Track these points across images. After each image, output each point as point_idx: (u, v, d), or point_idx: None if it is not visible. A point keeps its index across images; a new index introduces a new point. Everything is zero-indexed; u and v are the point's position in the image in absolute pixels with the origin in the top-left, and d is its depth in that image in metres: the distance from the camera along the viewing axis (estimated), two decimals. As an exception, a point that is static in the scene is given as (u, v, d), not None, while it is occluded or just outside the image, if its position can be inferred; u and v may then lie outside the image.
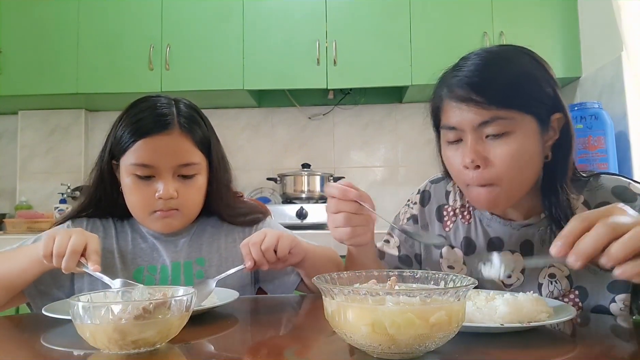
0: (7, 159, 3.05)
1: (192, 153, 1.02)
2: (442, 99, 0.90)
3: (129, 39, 2.65)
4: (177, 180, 1.01)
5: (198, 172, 1.04)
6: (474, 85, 0.83)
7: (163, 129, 0.99)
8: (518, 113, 0.83)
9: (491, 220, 0.98)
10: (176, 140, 1.00)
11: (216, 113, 2.97)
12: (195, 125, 1.04)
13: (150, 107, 1.02)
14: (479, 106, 0.82)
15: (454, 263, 1.01)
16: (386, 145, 3.00)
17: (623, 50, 2.21)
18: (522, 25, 2.56)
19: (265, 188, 2.94)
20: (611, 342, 0.68)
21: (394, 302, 0.52)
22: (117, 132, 1.02)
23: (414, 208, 1.09)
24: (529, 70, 0.86)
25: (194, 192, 1.04)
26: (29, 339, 0.74)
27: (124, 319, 0.56)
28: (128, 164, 1.00)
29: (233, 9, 2.65)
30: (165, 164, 0.99)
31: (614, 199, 0.88)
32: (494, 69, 0.85)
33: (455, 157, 0.89)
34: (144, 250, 1.07)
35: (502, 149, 0.83)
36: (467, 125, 0.84)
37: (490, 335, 0.64)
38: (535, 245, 0.93)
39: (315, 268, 0.99)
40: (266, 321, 0.83)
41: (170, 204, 1.00)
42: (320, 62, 2.60)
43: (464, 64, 0.88)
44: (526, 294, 0.71)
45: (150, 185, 1.00)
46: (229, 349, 0.66)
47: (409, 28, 2.60)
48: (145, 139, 0.98)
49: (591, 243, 0.57)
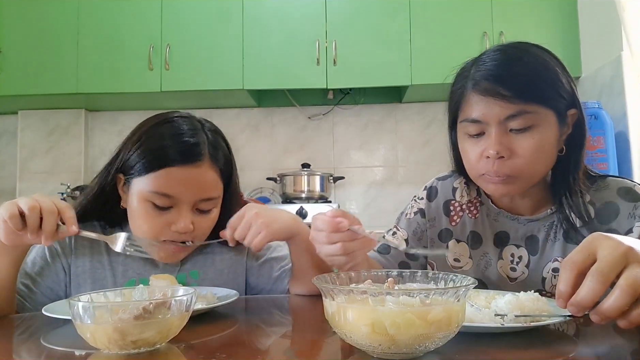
0: (7, 159, 3.06)
1: (215, 186, 0.96)
2: (464, 93, 0.89)
3: (129, 39, 2.65)
4: (194, 213, 0.94)
5: (215, 206, 0.98)
6: (500, 78, 0.84)
7: (193, 161, 0.92)
8: (542, 107, 0.84)
9: (499, 214, 0.98)
10: (205, 174, 0.93)
11: (216, 113, 2.97)
12: (220, 152, 0.98)
13: (175, 134, 0.94)
14: (505, 100, 0.83)
15: (459, 257, 1.01)
16: (386, 145, 3.00)
17: (623, 50, 2.21)
18: (522, 25, 2.57)
19: (265, 188, 2.94)
20: (612, 341, 0.68)
21: (394, 302, 0.53)
22: (132, 152, 0.94)
23: (420, 203, 1.09)
24: (550, 65, 0.87)
25: (209, 224, 0.98)
26: (29, 339, 0.74)
27: (124, 319, 0.56)
28: (145, 190, 0.91)
29: (233, 9, 2.65)
30: (189, 197, 0.92)
31: (618, 199, 0.89)
32: (518, 63, 0.86)
33: (474, 149, 0.89)
34: (136, 261, 1.01)
35: (527, 142, 0.84)
36: (492, 118, 0.85)
37: (490, 335, 0.64)
38: (540, 240, 0.94)
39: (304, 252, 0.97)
40: (266, 321, 0.83)
41: (184, 237, 0.94)
42: (320, 62, 2.60)
43: (486, 58, 0.88)
44: (527, 293, 0.71)
45: (165, 215, 0.92)
46: (229, 349, 0.66)
47: (408, 28, 2.60)
48: (170, 169, 0.90)
49: (589, 296, 0.57)
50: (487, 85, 0.84)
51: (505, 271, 0.97)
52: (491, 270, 0.98)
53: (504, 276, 0.97)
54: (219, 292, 0.91)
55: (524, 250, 0.96)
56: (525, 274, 0.95)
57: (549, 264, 0.93)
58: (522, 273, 0.95)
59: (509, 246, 0.97)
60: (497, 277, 0.97)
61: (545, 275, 0.93)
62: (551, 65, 0.87)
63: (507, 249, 0.97)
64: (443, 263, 1.03)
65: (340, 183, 2.92)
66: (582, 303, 0.57)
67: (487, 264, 0.98)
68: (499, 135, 0.85)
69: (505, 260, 0.97)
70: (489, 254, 0.99)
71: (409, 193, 1.15)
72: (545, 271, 0.93)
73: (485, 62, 0.87)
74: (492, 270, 0.97)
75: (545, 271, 0.93)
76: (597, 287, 0.57)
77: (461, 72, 0.93)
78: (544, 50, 0.91)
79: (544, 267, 0.93)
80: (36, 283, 0.98)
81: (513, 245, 0.97)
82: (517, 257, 0.96)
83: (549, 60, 0.88)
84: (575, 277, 0.59)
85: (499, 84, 0.83)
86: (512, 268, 0.96)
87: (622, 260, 0.57)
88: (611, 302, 0.56)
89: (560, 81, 0.86)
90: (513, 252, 0.96)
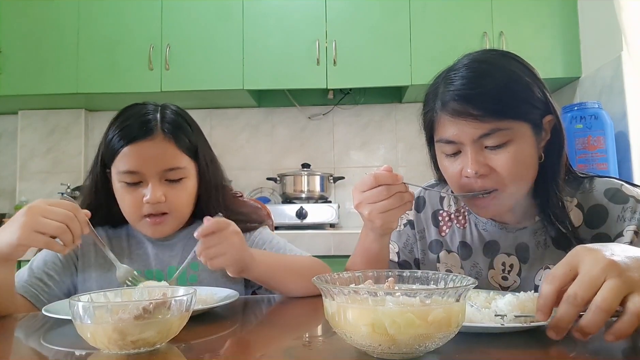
0: (7, 159, 3.05)
1: (177, 158, 1.03)
2: (436, 113, 0.88)
3: (129, 39, 2.65)
4: (164, 185, 1.02)
5: (185, 176, 1.04)
6: (469, 98, 0.82)
7: (146, 135, 1.00)
8: (515, 122, 0.83)
9: (486, 224, 0.98)
10: (159, 146, 1.01)
11: (216, 113, 2.97)
12: (180, 131, 1.05)
13: (135, 114, 1.04)
14: (477, 119, 0.81)
15: (451, 267, 1.01)
16: (386, 145, 3.00)
17: (623, 50, 2.21)
18: (522, 25, 2.57)
19: (265, 188, 2.94)
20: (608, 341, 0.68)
21: (394, 302, 0.53)
22: (107, 139, 1.04)
23: (409, 214, 1.09)
24: (520, 77, 0.85)
25: (183, 195, 1.04)
26: (29, 339, 0.74)
27: (124, 319, 0.56)
28: (117, 171, 1.01)
29: (233, 9, 2.65)
30: (150, 170, 1.00)
31: (606, 201, 0.88)
32: (486, 80, 0.84)
33: (453, 167, 0.88)
34: (139, 255, 1.09)
35: (503, 156, 0.83)
36: (466, 138, 0.84)
37: (491, 335, 0.64)
38: (530, 248, 0.93)
39: (267, 280, 0.97)
40: (266, 321, 0.83)
41: (160, 208, 1.01)
42: (320, 62, 2.60)
43: (454, 75, 0.86)
44: (527, 293, 0.71)
45: (138, 190, 1.01)
46: (229, 349, 0.66)
47: (408, 28, 2.60)
48: (130, 146, 1.00)
49: (564, 320, 0.57)
50: (456, 106, 0.83)
51: (497, 280, 0.96)
52: (482, 280, 0.97)
53: (496, 285, 0.96)
54: (219, 292, 0.91)
55: (515, 259, 0.95)
56: (518, 282, 0.94)
57: (541, 271, 0.92)
58: (514, 282, 0.95)
59: (500, 255, 0.96)
60: (489, 287, 0.96)
61: (537, 282, 0.92)
62: (521, 77, 0.85)
63: (497, 258, 0.96)
64: None
65: (341, 183, 2.92)
66: (559, 326, 0.58)
67: (478, 274, 0.98)
68: (475, 154, 0.84)
69: (496, 269, 0.96)
70: (479, 264, 0.98)
71: (409, 193, 1.15)
72: (537, 279, 0.92)
73: (453, 80, 0.85)
74: (483, 280, 0.97)
75: (538, 279, 0.92)
76: (572, 312, 0.57)
77: (432, 89, 0.91)
78: (513, 59, 0.88)
79: (535, 274, 0.93)
80: (51, 277, 1.04)
81: (504, 254, 0.96)
82: (508, 265, 0.95)
83: (518, 71, 0.85)
84: (555, 292, 0.59)
85: (468, 104, 0.82)
86: (503, 277, 0.95)
87: (601, 275, 0.56)
88: (587, 321, 0.56)
89: (531, 91, 0.84)
90: (504, 261, 0.96)
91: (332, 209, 2.53)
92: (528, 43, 2.53)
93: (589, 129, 2.22)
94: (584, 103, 2.29)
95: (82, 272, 1.07)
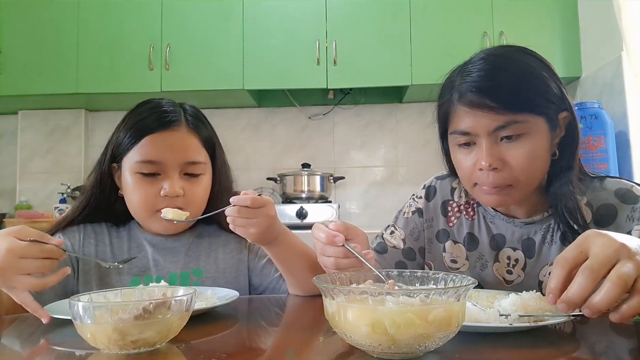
0: (7, 159, 3.06)
1: (199, 151, 1.01)
2: (451, 105, 0.89)
3: (129, 39, 2.65)
4: (183, 179, 0.99)
5: (203, 173, 1.02)
6: (486, 90, 0.83)
7: (170, 125, 0.99)
8: (531, 115, 0.83)
9: (495, 217, 0.98)
10: (184, 137, 1.00)
11: (216, 113, 2.97)
12: (202, 124, 1.04)
13: (154, 107, 1.02)
14: (493, 111, 0.82)
15: (457, 258, 1.01)
16: (386, 145, 3.00)
17: (623, 50, 2.21)
18: (522, 25, 2.57)
19: (265, 188, 2.94)
20: (612, 341, 0.68)
21: (394, 302, 0.53)
22: (119, 134, 1.01)
23: (419, 202, 1.09)
24: (537, 71, 0.86)
25: (200, 191, 1.02)
26: (29, 339, 0.74)
27: (124, 319, 0.56)
28: (132, 162, 0.98)
29: (233, 9, 2.65)
30: (172, 161, 0.98)
31: (616, 201, 0.88)
32: (504, 72, 0.84)
33: (467, 160, 0.88)
34: (140, 260, 1.04)
35: (518, 150, 0.83)
36: (481, 130, 0.84)
37: (493, 335, 0.64)
38: (537, 243, 0.94)
39: (287, 256, 0.96)
40: (266, 321, 0.83)
41: (176, 202, 0.97)
42: (320, 62, 2.60)
43: (471, 68, 0.87)
44: (530, 293, 0.71)
45: (154, 183, 0.98)
46: (229, 349, 0.66)
47: (409, 28, 2.60)
48: (151, 136, 0.97)
49: (578, 293, 0.57)
50: (473, 98, 0.83)
51: (501, 274, 0.96)
52: (487, 272, 0.97)
53: (500, 279, 0.96)
54: (219, 292, 0.91)
55: (520, 253, 0.95)
56: (522, 277, 0.94)
57: (546, 267, 0.92)
58: (518, 276, 0.95)
59: (506, 249, 0.96)
60: (493, 279, 0.96)
61: (541, 278, 0.92)
62: (537, 71, 0.85)
63: (503, 251, 0.97)
64: (440, 264, 1.03)
65: (341, 183, 2.92)
66: (572, 299, 0.58)
67: (483, 266, 0.98)
68: (490, 146, 0.84)
69: (501, 263, 0.97)
70: (484, 257, 0.98)
71: (409, 193, 1.14)
72: (541, 274, 0.92)
73: (470, 72, 0.86)
74: (488, 273, 0.97)
75: (542, 274, 0.92)
76: (587, 284, 0.57)
77: (447, 82, 0.92)
78: (530, 54, 0.89)
79: (540, 270, 0.93)
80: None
81: (509, 248, 0.96)
82: (513, 259, 0.95)
83: (535, 66, 0.86)
84: (566, 274, 0.60)
85: (485, 96, 0.82)
86: (508, 271, 0.96)
87: (614, 256, 0.57)
88: (602, 295, 0.56)
89: (548, 86, 0.85)
90: (509, 255, 0.96)
91: (332, 209, 2.53)
92: (528, 43, 2.50)
93: (589, 128, 2.22)
94: (584, 103, 2.29)
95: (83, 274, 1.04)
